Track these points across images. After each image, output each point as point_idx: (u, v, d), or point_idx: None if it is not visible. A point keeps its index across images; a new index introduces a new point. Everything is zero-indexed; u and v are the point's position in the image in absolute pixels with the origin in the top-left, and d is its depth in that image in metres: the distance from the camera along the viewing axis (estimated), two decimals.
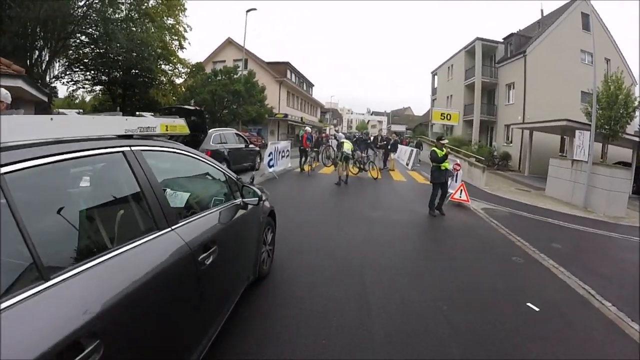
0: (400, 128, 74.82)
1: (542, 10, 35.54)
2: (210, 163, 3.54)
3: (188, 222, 2.67)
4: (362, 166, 16.86)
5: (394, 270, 5.50)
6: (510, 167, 28.31)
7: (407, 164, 24.44)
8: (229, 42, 38.22)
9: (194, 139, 12.78)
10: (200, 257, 2.58)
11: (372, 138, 22.60)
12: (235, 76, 24.91)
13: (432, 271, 5.68)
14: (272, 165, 14.85)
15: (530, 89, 28.38)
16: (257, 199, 3.71)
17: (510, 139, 30.68)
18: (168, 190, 3.14)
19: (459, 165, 13.15)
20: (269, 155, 14.64)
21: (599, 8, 21.89)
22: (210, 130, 12.72)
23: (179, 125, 3.33)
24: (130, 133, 2.50)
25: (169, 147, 2.89)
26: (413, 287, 4.94)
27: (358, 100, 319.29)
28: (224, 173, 3.74)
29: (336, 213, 9.48)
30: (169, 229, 2.40)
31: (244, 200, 3.69)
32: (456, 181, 12.70)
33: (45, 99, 13.07)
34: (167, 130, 3.03)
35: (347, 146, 14.02)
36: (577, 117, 20.03)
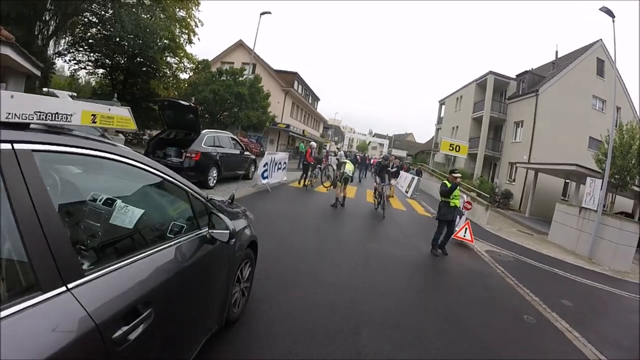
0: (401, 153, 74.23)
1: (556, 52, 35.18)
2: (170, 177, 2.50)
3: (106, 272, 1.66)
4: (379, 199, 13.93)
5: (393, 329, 4.50)
6: (510, 206, 27.55)
7: (407, 192, 23.71)
8: (240, 45, 37.40)
9: (185, 138, 11.84)
10: (117, 335, 1.57)
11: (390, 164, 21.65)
12: (240, 78, 23.98)
13: (437, 331, 4.71)
14: (267, 177, 13.88)
15: (539, 129, 27.81)
16: (227, 232, 2.64)
17: (513, 178, 30.02)
18: (118, 202, 2.14)
19: (470, 203, 12.30)
20: (264, 166, 13.71)
21: (618, 51, 21.33)
22: (204, 131, 11.74)
23: (120, 117, 2.16)
24: (20, 121, 1.49)
25: (96, 149, 1.77)
26: (415, 353, 4.03)
27: (360, 120, 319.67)
28: (188, 192, 2.73)
29: (329, 241, 8.53)
30: (62, 288, 1.41)
31: (211, 232, 2.69)
32: (460, 218, 11.80)
33: (38, 73, 12.43)
34: (94, 122, 1.90)
35: (349, 167, 13.12)
36: (583, 162, 19.70)
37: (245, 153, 15.00)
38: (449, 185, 9.24)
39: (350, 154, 38.03)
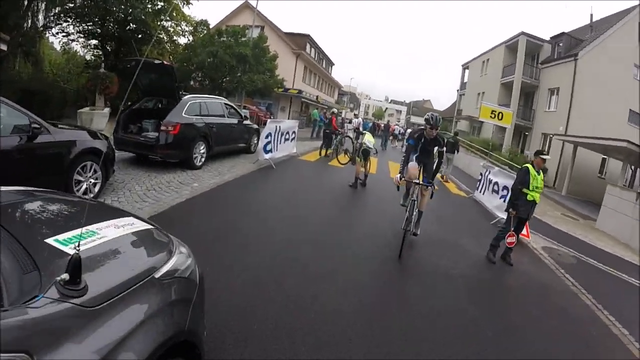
0: (420, 120, 71.09)
1: (591, 15, 31.90)
2: None
3: None
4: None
5: None
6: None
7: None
8: (246, 7, 34.25)
9: (167, 108, 9.54)
10: None
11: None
12: (243, 39, 21.29)
13: None
14: (270, 151, 11.49)
15: (578, 98, 24.74)
16: None
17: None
18: None
19: None
20: (267, 137, 11.30)
21: None
22: (186, 97, 9.33)
23: None
24: None
25: None
26: None
27: (376, 87, 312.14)
28: None
29: (344, 242, 6.12)
30: None
31: None
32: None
33: (4, 47, 11.21)
34: None
35: (368, 138, 10.62)
36: (624, 137, 17.26)
37: (246, 122, 12.58)
38: (532, 171, 6.72)
39: (367, 122, 35.54)
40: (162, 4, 21.58)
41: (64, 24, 22.02)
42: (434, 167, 6.61)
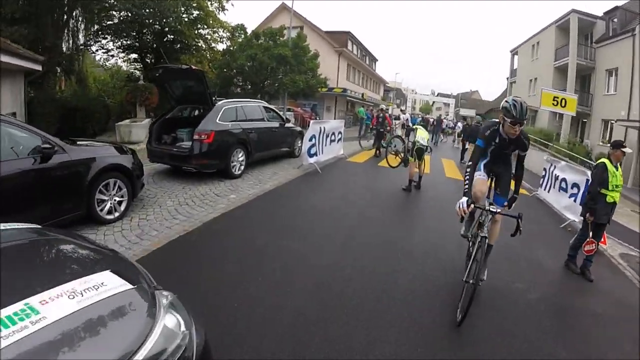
0: (470, 112, 68.44)
1: None
2: None
3: None
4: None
5: None
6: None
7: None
8: (284, 8, 33.33)
9: (195, 115, 9.00)
10: None
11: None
12: (281, 39, 20.61)
13: None
14: (314, 154, 10.60)
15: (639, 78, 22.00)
16: None
17: (607, 138, 24.27)
18: None
19: None
20: (311, 140, 10.41)
21: None
22: (220, 102, 8.73)
23: None
24: None
25: None
26: None
27: (421, 80, 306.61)
28: None
29: (402, 263, 5.13)
30: None
31: None
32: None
33: (39, 67, 10.72)
34: None
35: (421, 134, 9.50)
36: None
37: (288, 125, 11.85)
38: (609, 165, 5.60)
39: (415, 117, 34.16)
40: (197, 12, 21.45)
41: (103, 41, 22.31)
42: (512, 180, 4.57)
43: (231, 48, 21.01)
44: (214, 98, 8.80)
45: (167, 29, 20.74)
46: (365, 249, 5.40)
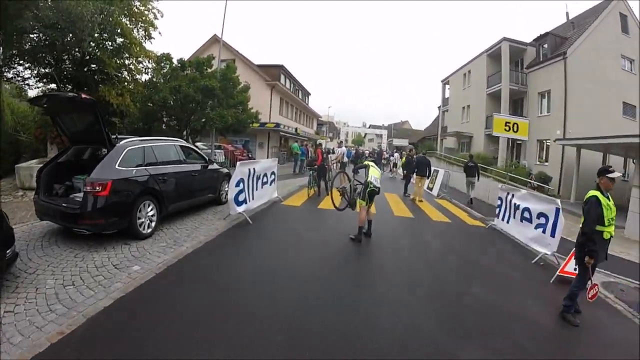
0: (403, 142, 69.63)
1: (567, 13, 31.77)
2: None
3: None
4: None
5: None
6: (549, 192, 22.95)
7: (430, 188, 19.49)
8: (215, 40, 31.55)
9: (94, 156, 7.30)
10: None
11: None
12: (208, 70, 18.92)
13: None
14: (243, 202, 9.04)
15: (572, 98, 23.50)
16: None
17: (544, 157, 25.49)
18: None
19: None
20: (238, 185, 8.77)
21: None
22: (122, 142, 6.94)
23: None
24: None
25: None
26: None
27: (351, 113, 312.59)
28: None
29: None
30: None
31: None
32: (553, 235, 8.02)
33: None
34: None
35: (375, 173, 8.26)
36: (621, 131, 17.78)
37: (213, 167, 10.06)
38: (601, 197, 5.04)
39: (350, 150, 33.40)
40: (121, 39, 19.60)
41: (19, 68, 19.90)
42: None
43: (154, 79, 19.11)
44: (114, 137, 7.03)
45: (87, 57, 18.51)
46: (314, 352, 3.83)
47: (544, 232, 8.28)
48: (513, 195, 10.16)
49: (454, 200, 16.92)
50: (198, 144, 21.40)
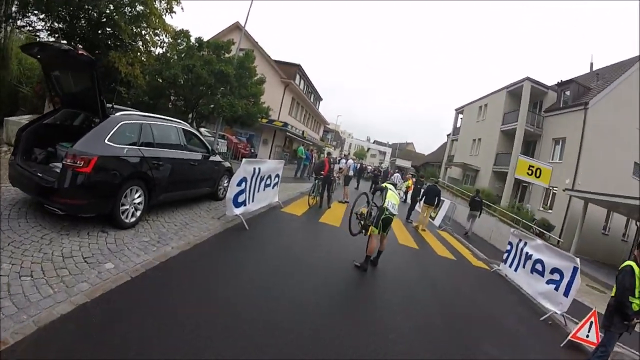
0: (406, 164, 69.00)
1: (592, 64, 31.57)
2: None
3: None
4: None
5: None
6: (549, 240, 22.27)
7: (432, 218, 18.53)
8: (236, 27, 30.98)
9: (85, 124, 6.40)
10: None
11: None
12: (226, 55, 17.94)
13: None
14: (242, 203, 8.15)
15: (587, 149, 22.92)
16: None
17: (549, 204, 24.92)
18: None
19: None
20: (239, 185, 7.90)
21: None
22: (119, 114, 5.97)
23: None
24: None
25: None
26: None
27: (357, 125, 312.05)
28: None
29: None
30: None
31: None
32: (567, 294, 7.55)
33: None
34: None
35: (394, 199, 7.44)
36: (626, 191, 17.31)
37: (214, 158, 9.01)
38: (636, 268, 5.16)
39: (354, 164, 32.47)
40: (141, 7, 18.78)
41: (33, 18, 19.04)
42: None
43: (168, 54, 18.17)
44: (109, 106, 6.05)
45: (104, 19, 17.74)
46: None
47: (556, 289, 7.77)
48: (525, 244, 9.59)
49: (456, 234, 16.18)
50: (202, 129, 20.48)
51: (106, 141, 5.47)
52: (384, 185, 7.79)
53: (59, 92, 6.45)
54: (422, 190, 16.47)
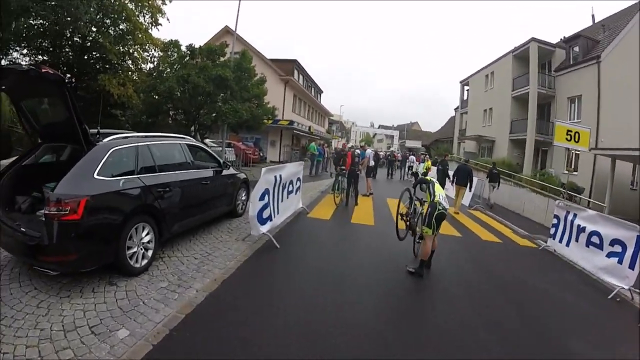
0: (416, 144, 67.67)
1: (593, 15, 30.00)
2: None
3: None
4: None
5: None
6: (580, 203, 21.20)
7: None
8: (227, 31, 29.94)
9: (71, 158, 5.29)
10: None
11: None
12: (221, 59, 16.97)
13: None
14: (268, 218, 7.12)
15: (605, 105, 21.77)
16: None
17: (573, 166, 23.51)
18: None
19: None
20: (262, 199, 6.84)
21: None
22: (106, 140, 4.92)
23: None
24: None
25: None
26: None
27: (358, 112, 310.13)
28: None
29: None
30: None
31: None
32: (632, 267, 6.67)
33: None
34: None
35: (442, 192, 6.45)
36: None
37: (227, 171, 7.94)
38: None
39: (362, 151, 31.32)
40: (125, 25, 17.99)
41: (15, 54, 18.33)
42: None
43: (160, 67, 17.21)
44: (94, 132, 4.96)
45: (88, 43, 17.62)
46: None
47: (619, 262, 6.96)
48: (575, 215, 8.59)
49: (489, 212, 15.18)
50: (207, 140, 19.53)
51: (95, 175, 4.41)
52: (428, 178, 6.73)
53: (34, 124, 5.35)
54: (451, 172, 15.29)
